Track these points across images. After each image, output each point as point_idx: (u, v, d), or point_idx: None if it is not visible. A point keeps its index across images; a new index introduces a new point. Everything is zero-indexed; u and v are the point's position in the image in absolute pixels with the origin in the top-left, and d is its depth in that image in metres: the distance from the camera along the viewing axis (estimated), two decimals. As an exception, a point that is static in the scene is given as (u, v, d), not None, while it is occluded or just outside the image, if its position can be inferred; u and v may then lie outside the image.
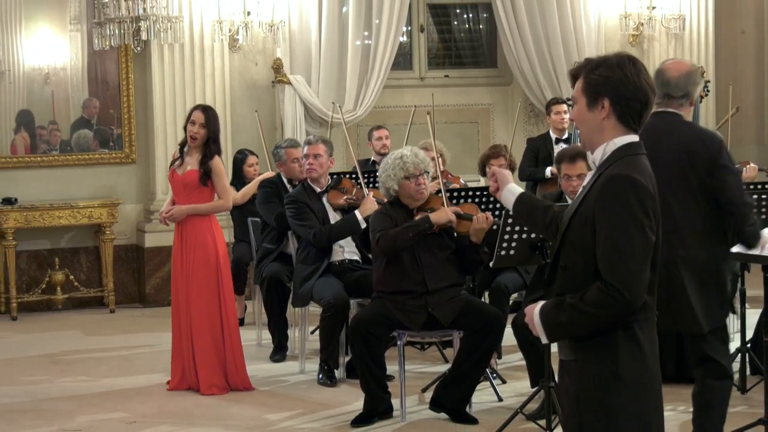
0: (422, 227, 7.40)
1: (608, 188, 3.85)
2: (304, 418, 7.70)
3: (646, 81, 3.95)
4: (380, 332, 7.41)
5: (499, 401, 7.88)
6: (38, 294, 11.52)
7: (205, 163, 8.17)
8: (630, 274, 3.80)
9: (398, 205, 7.62)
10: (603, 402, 3.93)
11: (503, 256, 7.20)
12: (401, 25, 12.50)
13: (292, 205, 8.58)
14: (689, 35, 13.32)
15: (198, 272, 8.20)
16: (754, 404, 7.51)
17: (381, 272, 7.50)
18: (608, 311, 3.82)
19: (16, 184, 11.46)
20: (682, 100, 6.03)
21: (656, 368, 4.01)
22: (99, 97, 11.76)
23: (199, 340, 8.20)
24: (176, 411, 7.90)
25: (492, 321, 7.40)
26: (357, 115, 12.31)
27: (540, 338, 4.01)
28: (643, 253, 3.83)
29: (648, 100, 3.96)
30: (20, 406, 8.09)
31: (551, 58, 12.83)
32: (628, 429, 3.93)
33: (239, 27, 11.73)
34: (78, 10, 11.65)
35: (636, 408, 3.93)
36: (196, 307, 8.19)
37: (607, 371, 3.91)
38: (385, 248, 7.38)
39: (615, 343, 3.90)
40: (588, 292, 3.84)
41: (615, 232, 3.81)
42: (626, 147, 3.95)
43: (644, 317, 3.92)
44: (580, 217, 3.92)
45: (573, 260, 3.95)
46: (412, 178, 7.51)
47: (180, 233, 8.28)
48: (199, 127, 8.17)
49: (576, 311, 3.85)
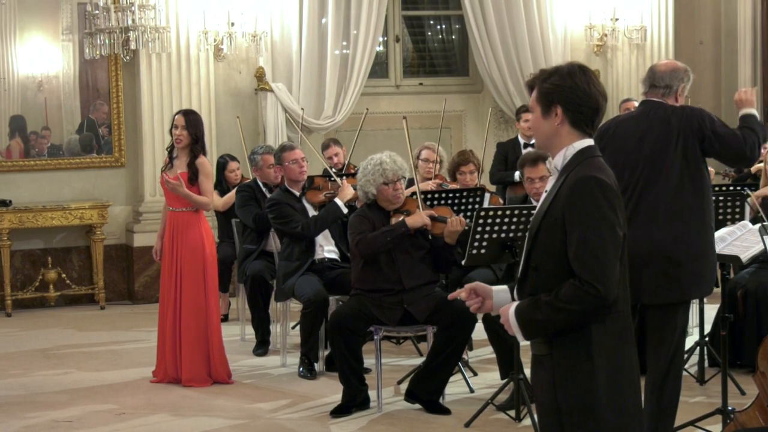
0: (399, 231, 7.42)
1: (576, 190, 3.84)
2: (285, 409, 7.68)
3: (596, 88, 3.95)
4: (358, 327, 7.41)
5: (470, 392, 7.88)
6: (32, 291, 11.47)
7: (192, 164, 8.18)
8: (602, 269, 3.79)
9: (376, 208, 7.62)
10: (581, 395, 3.90)
11: (474, 254, 7.22)
12: (378, 35, 12.50)
13: (274, 207, 8.55)
14: (650, 45, 13.36)
15: (187, 268, 8.19)
16: (712, 395, 7.55)
17: (359, 271, 7.49)
18: (583, 306, 3.80)
19: (10, 187, 11.42)
20: (665, 90, 6.23)
21: (632, 359, 3.99)
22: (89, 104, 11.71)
23: (186, 333, 8.18)
24: (163, 403, 7.86)
25: (463, 316, 7.39)
26: (336, 121, 12.30)
27: (516, 337, 3.97)
28: (613, 249, 3.83)
29: (598, 105, 3.96)
30: (15, 398, 8.05)
31: (520, 67, 12.84)
32: (608, 420, 3.91)
33: (224, 37, 11.71)
34: (70, 21, 11.61)
35: (614, 399, 3.91)
36: (185, 301, 8.18)
37: (584, 365, 3.89)
38: (364, 251, 7.38)
39: (589, 337, 3.88)
40: (562, 288, 3.82)
41: (586, 231, 3.80)
42: (585, 150, 3.95)
43: (617, 310, 3.91)
44: (549, 220, 3.91)
45: (544, 261, 3.93)
46: (390, 183, 7.51)
47: (171, 231, 8.27)
48: (182, 130, 8.18)
49: (551, 308, 3.83)
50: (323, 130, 12.29)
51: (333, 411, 7.45)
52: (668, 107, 6.20)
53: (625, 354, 3.96)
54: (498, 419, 7.22)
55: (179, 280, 8.22)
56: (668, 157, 6.09)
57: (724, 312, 6.95)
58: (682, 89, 6.26)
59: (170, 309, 8.22)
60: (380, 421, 7.34)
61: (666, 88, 6.22)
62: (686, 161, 6.09)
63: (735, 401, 7.03)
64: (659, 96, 6.24)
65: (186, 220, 8.23)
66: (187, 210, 8.23)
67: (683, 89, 6.28)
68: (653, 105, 6.26)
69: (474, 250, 7.19)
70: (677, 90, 6.24)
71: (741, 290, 8.11)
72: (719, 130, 6.12)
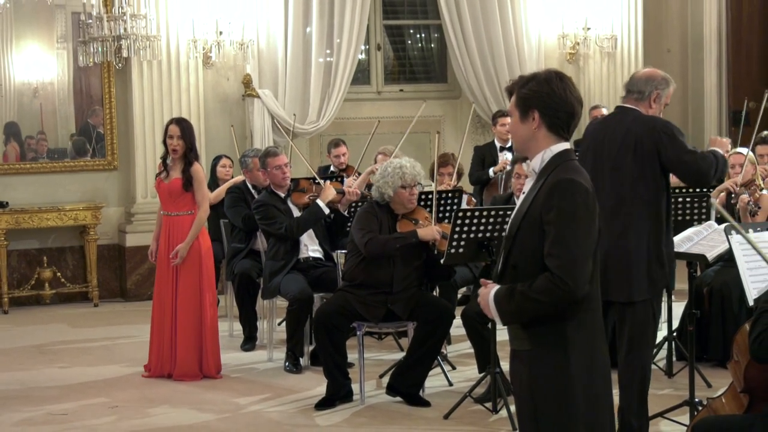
0: (409, 241, 7.42)
1: (554, 192, 3.86)
2: (271, 402, 7.68)
3: (572, 94, 3.96)
4: (341, 323, 7.41)
5: (449, 386, 7.88)
6: (28, 290, 11.43)
7: (186, 171, 8.15)
8: (574, 265, 3.81)
9: (386, 209, 7.60)
10: (556, 388, 3.93)
11: (453, 253, 7.23)
12: (360, 43, 12.50)
13: (261, 209, 8.55)
14: (620, 53, 13.40)
15: (184, 267, 8.17)
16: (679, 387, 7.56)
17: (354, 265, 7.48)
18: (553, 298, 3.83)
19: (7, 189, 11.37)
20: (638, 95, 6.18)
21: (604, 354, 4.02)
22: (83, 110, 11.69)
23: (182, 330, 8.17)
24: (155, 397, 7.85)
25: (442, 312, 7.41)
26: (319, 126, 12.29)
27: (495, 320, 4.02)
28: (586, 247, 3.86)
29: (574, 111, 3.97)
30: (12, 392, 8.02)
31: (496, 74, 12.86)
32: (579, 412, 3.93)
33: (212, 45, 11.70)
34: (64, 30, 11.58)
35: (587, 392, 3.93)
36: (181, 299, 8.17)
37: (559, 359, 3.91)
38: (372, 251, 7.36)
39: (565, 332, 3.91)
40: (537, 280, 3.85)
41: (561, 229, 3.82)
42: (562, 153, 3.97)
43: (589, 307, 3.94)
44: (528, 221, 3.93)
45: (522, 260, 3.95)
46: (407, 187, 7.50)
47: (167, 233, 8.25)
48: (177, 140, 8.14)
49: (525, 298, 3.87)
50: (308, 134, 12.29)
51: (318, 404, 7.45)
52: (636, 115, 6.13)
53: (597, 349, 3.98)
54: (475, 411, 7.23)
55: (176, 279, 8.20)
56: (626, 162, 6.03)
57: (691, 308, 6.97)
58: (656, 96, 6.18)
59: (168, 307, 8.20)
60: (363, 413, 7.34)
61: (639, 93, 6.18)
62: (642, 168, 6.02)
63: (702, 393, 7.05)
64: (632, 101, 6.20)
65: (182, 222, 8.21)
66: (182, 214, 8.21)
67: (658, 96, 6.18)
68: (622, 110, 6.23)
69: (453, 250, 7.20)
70: (651, 96, 6.16)
71: (707, 287, 8.13)
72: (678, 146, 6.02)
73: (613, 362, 6.34)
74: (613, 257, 6.00)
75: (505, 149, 11.04)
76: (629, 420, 6.13)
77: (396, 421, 7.14)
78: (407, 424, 7.08)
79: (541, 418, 3.98)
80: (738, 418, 4.84)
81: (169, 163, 8.25)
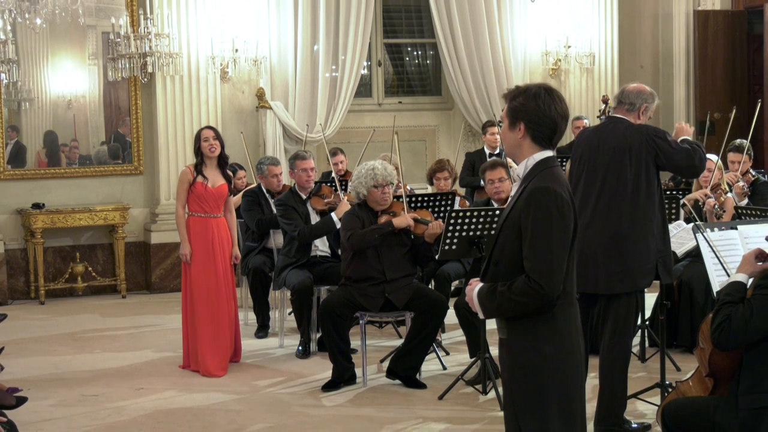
0: (386, 230, 7.42)
1: (531, 199, 3.86)
2: (283, 384, 7.67)
3: (557, 109, 3.94)
4: (345, 313, 7.41)
5: (443, 370, 7.88)
6: (62, 283, 11.43)
7: (226, 176, 8.11)
8: (549, 270, 3.81)
9: (366, 208, 7.61)
10: (529, 374, 3.93)
11: (447, 250, 7.23)
12: (362, 60, 12.48)
13: (281, 207, 8.54)
14: (598, 69, 13.39)
15: (226, 265, 8.11)
16: (652, 371, 7.56)
17: (348, 263, 7.48)
18: (529, 299, 3.83)
19: (43, 192, 11.37)
20: (629, 107, 6.20)
21: (575, 344, 3.99)
22: (112, 120, 11.69)
23: (235, 321, 8.20)
24: (177, 380, 7.85)
25: (437, 303, 7.41)
26: (326, 134, 12.27)
27: (478, 314, 4.03)
28: (560, 253, 3.84)
29: (556, 125, 3.95)
30: (48, 376, 8.02)
31: (486, 88, 12.84)
32: (551, 397, 3.92)
33: (229, 62, 11.69)
34: (95, 48, 11.57)
35: (558, 378, 3.92)
36: (229, 294, 8.12)
37: (531, 348, 3.92)
38: (354, 245, 7.37)
39: (535, 324, 3.91)
40: (515, 282, 3.85)
41: (537, 235, 3.82)
42: (544, 161, 3.96)
43: (562, 302, 3.92)
44: (509, 223, 3.93)
45: (502, 258, 3.96)
46: (379, 187, 7.50)
47: (211, 233, 8.03)
48: (213, 140, 8.03)
49: (504, 297, 3.88)
50: (315, 142, 12.27)
51: (324, 386, 7.46)
52: (628, 124, 6.14)
53: (567, 339, 3.96)
54: (467, 392, 7.24)
55: (220, 276, 8.06)
56: (623, 167, 6.04)
57: (662, 299, 6.97)
58: (644, 108, 6.19)
59: (224, 303, 8.03)
60: (365, 395, 7.34)
61: (630, 104, 6.18)
62: (637, 171, 6.03)
63: (672, 376, 7.06)
64: (623, 111, 6.20)
65: (223, 223, 8.16)
66: (220, 216, 8.14)
67: (646, 109, 6.20)
68: (614, 120, 6.23)
69: (446, 246, 7.21)
70: (640, 108, 6.18)
71: (676, 280, 8.13)
72: (670, 148, 6.05)
73: (595, 348, 6.38)
74: (607, 254, 6.00)
75: (494, 155, 11.03)
76: (609, 400, 6.12)
77: (395, 402, 7.14)
78: (405, 405, 7.08)
79: (516, 401, 3.99)
80: (704, 400, 4.83)
81: (204, 170, 8.03)
